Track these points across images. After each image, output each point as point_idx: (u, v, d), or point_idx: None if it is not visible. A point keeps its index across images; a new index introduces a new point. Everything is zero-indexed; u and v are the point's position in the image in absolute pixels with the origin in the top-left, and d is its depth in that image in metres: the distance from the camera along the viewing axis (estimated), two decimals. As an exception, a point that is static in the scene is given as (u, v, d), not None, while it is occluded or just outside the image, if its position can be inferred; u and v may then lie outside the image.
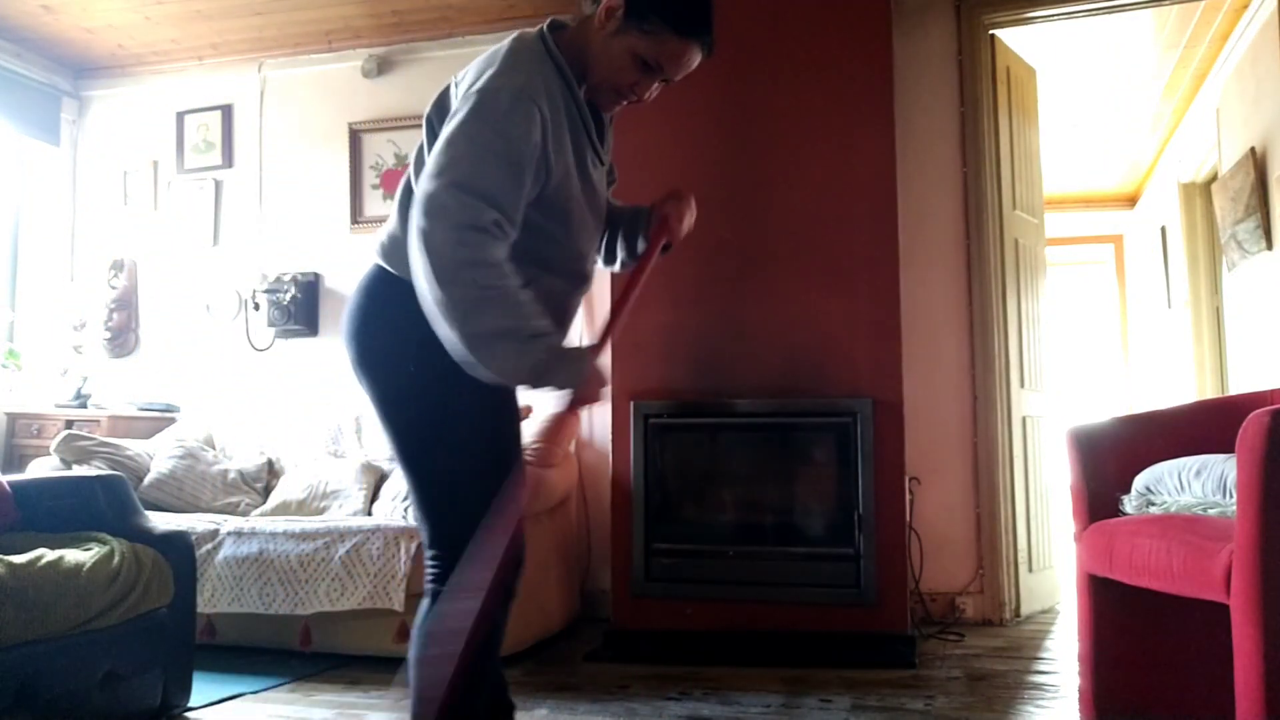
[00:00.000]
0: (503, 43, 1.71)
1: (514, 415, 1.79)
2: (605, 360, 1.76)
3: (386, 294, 1.71)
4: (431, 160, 1.58)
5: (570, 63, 1.72)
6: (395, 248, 1.70)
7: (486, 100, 1.59)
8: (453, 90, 1.73)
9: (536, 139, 1.61)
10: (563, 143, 1.68)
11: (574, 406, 1.67)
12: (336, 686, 2.90)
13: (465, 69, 1.74)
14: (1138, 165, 6.75)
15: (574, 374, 1.62)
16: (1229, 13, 4.34)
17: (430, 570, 1.71)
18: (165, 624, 2.50)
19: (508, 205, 1.58)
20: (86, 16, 4.40)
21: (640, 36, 1.68)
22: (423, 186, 1.56)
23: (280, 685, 2.90)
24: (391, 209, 1.77)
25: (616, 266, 2.01)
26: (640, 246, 1.94)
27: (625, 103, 1.79)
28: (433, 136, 1.71)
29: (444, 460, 1.69)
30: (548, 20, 1.77)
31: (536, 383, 1.61)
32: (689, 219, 1.94)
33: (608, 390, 1.81)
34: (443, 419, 1.69)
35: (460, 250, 1.51)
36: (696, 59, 1.74)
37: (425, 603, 1.70)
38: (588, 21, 1.74)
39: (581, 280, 1.86)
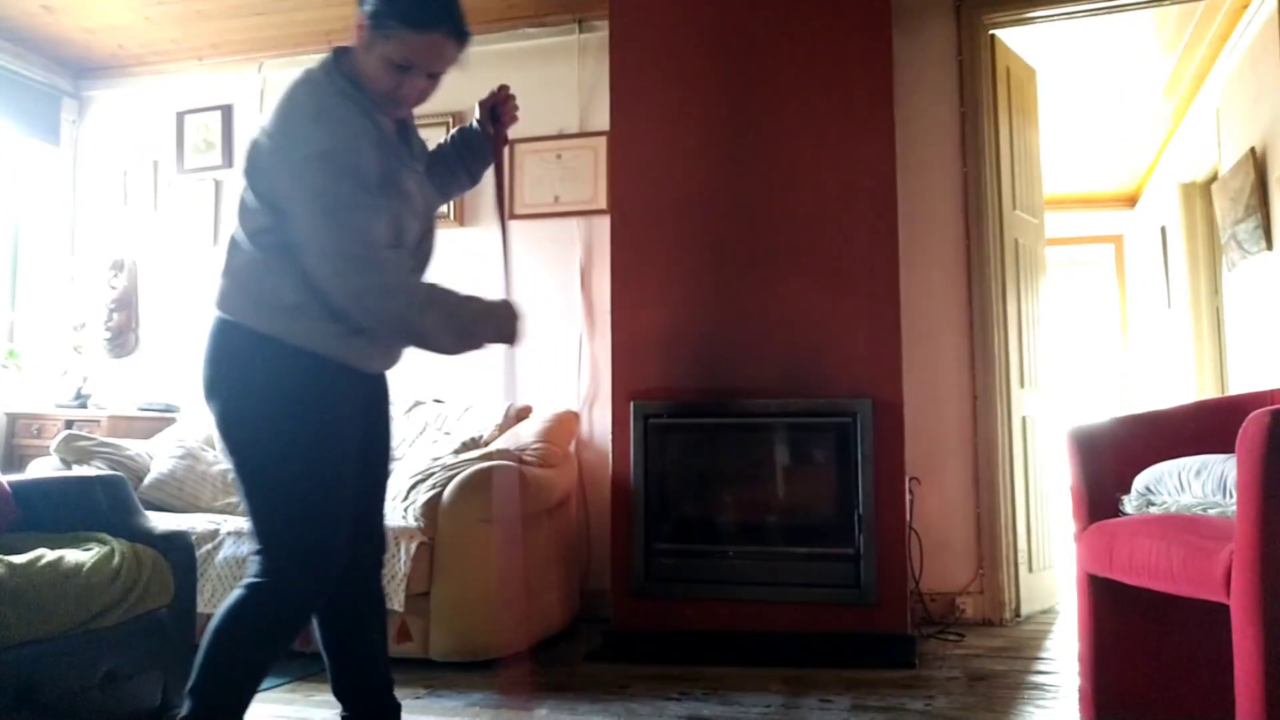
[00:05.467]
0: (295, 88, 1.84)
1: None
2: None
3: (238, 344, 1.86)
4: (307, 245, 1.78)
5: (360, 85, 1.87)
6: (233, 295, 1.88)
7: (305, 174, 1.75)
8: (262, 142, 1.84)
9: (365, 158, 1.80)
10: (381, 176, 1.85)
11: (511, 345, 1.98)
12: (336, 686, 2.90)
13: (267, 120, 1.85)
14: (1138, 165, 6.75)
15: (501, 321, 1.94)
16: (1229, 13, 4.34)
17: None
18: (165, 624, 2.49)
19: (375, 234, 1.79)
20: (86, 16, 4.40)
21: (385, 42, 1.82)
22: (316, 271, 1.78)
23: (280, 685, 2.89)
24: (221, 260, 1.92)
25: (460, 192, 2.28)
26: (475, 165, 2.22)
27: (405, 107, 1.93)
28: (255, 187, 1.86)
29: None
30: (331, 51, 1.92)
31: (473, 340, 1.91)
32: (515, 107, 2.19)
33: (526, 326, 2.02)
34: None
35: (374, 302, 1.80)
36: (449, 48, 1.86)
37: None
38: (357, 44, 1.89)
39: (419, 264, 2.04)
